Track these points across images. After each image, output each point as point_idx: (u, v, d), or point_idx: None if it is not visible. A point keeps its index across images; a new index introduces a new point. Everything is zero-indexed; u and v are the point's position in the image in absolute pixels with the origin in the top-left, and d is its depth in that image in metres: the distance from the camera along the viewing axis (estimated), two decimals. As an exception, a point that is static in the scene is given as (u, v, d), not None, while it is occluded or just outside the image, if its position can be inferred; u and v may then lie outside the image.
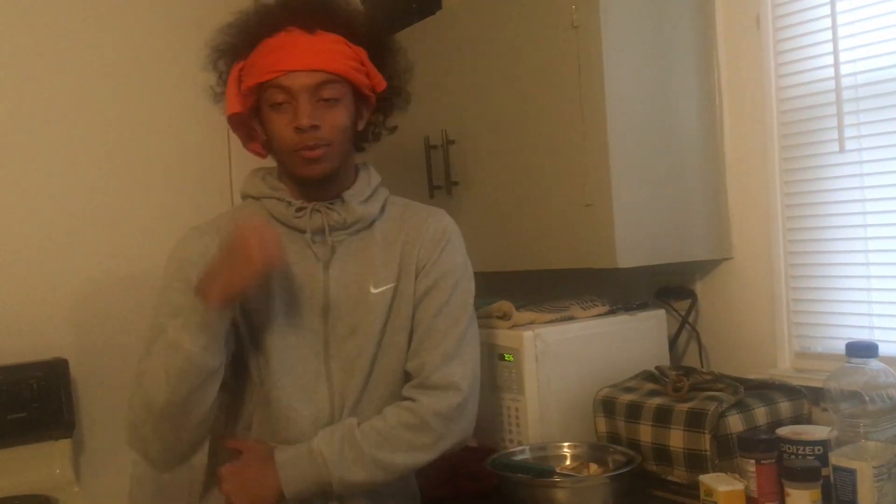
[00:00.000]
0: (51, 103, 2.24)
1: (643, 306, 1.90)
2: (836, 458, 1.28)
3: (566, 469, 1.60)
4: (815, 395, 1.57)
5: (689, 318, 1.93)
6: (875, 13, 1.58)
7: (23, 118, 2.21)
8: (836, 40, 1.63)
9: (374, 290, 1.45)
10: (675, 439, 1.50)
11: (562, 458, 1.64)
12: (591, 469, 1.58)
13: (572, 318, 1.80)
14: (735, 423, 1.48)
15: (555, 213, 1.79)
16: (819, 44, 1.68)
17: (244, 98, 1.44)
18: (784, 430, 1.43)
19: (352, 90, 1.43)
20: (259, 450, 1.40)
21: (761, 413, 1.52)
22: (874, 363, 1.32)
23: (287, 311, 1.43)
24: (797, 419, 1.55)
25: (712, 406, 1.47)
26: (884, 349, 1.38)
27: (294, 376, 1.43)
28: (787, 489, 1.30)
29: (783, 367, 1.77)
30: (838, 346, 1.59)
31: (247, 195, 1.52)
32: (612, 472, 1.52)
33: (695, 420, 1.48)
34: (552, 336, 1.72)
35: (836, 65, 1.63)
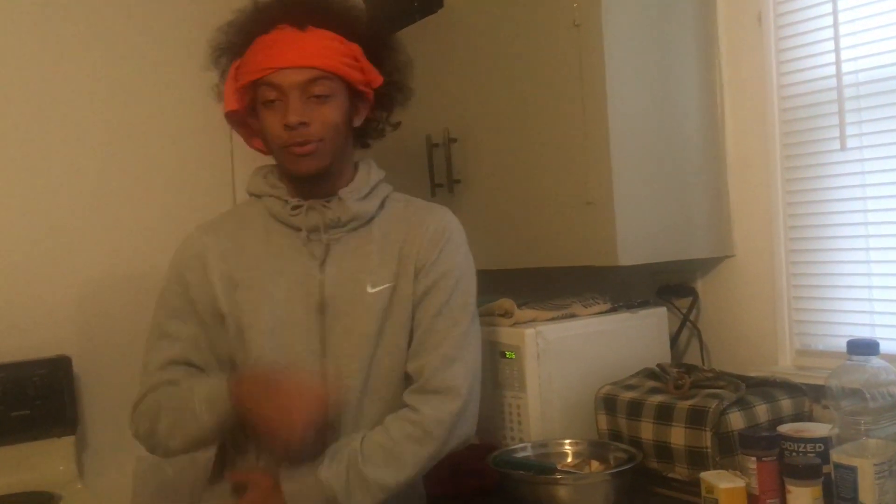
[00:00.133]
0: (54, 103, 2.25)
1: (644, 304, 1.90)
2: (837, 456, 1.28)
3: (567, 466, 1.60)
4: (817, 393, 1.57)
5: (691, 316, 1.93)
6: (876, 11, 1.58)
7: (27, 117, 2.21)
8: (837, 38, 1.63)
9: (371, 290, 1.44)
10: (677, 437, 1.50)
11: (563, 455, 1.64)
12: (592, 466, 1.59)
13: (574, 315, 1.81)
14: (736, 421, 1.48)
15: (556, 210, 1.79)
16: (821, 41, 1.68)
17: (240, 96, 1.44)
18: (785, 428, 1.43)
19: (345, 87, 1.42)
20: (265, 484, 1.38)
21: (762, 410, 1.52)
22: (875, 360, 1.32)
23: (282, 309, 1.43)
24: (798, 416, 1.55)
25: (713, 403, 1.48)
26: (885, 346, 1.38)
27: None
28: (789, 486, 1.30)
29: (784, 364, 1.77)
30: (839, 344, 1.59)
31: (251, 193, 1.53)
32: (613, 470, 1.52)
33: (696, 417, 1.48)
34: (554, 334, 1.72)
35: (837, 63, 1.63)
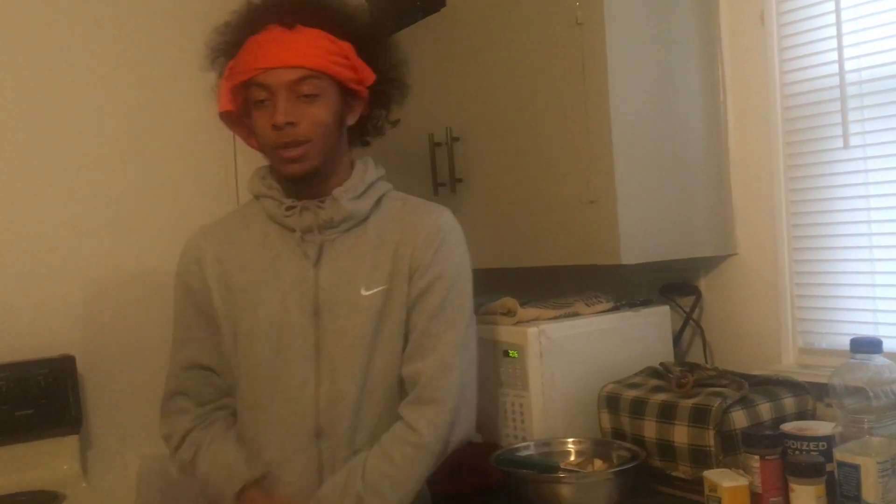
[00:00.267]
0: (59, 103, 2.25)
1: (647, 302, 1.90)
2: (840, 454, 1.29)
3: (570, 465, 1.60)
4: (820, 391, 1.57)
5: (694, 315, 1.93)
6: (879, 9, 1.58)
7: (32, 118, 2.22)
8: (840, 37, 1.63)
9: (365, 293, 1.42)
10: (680, 435, 1.50)
11: (566, 453, 1.64)
12: (595, 465, 1.59)
13: (576, 314, 1.81)
14: (739, 419, 1.48)
15: (559, 209, 1.79)
16: (823, 40, 1.68)
17: (234, 96, 1.44)
18: (788, 426, 1.43)
19: (336, 85, 1.41)
20: None
21: (765, 409, 1.52)
22: (878, 359, 1.32)
23: (277, 312, 1.43)
24: (801, 415, 1.55)
25: (716, 402, 1.48)
26: (888, 345, 1.38)
27: (284, 380, 1.42)
28: (792, 485, 1.30)
29: (787, 362, 1.77)
30: (843, 342, 1.59)
31: (251, 194, 1.53)
32: (616, 468, 1.52)
33: (699, 416, 1.48)
34: (556, 332, 1.72)
35: (840, 61, 1.63)
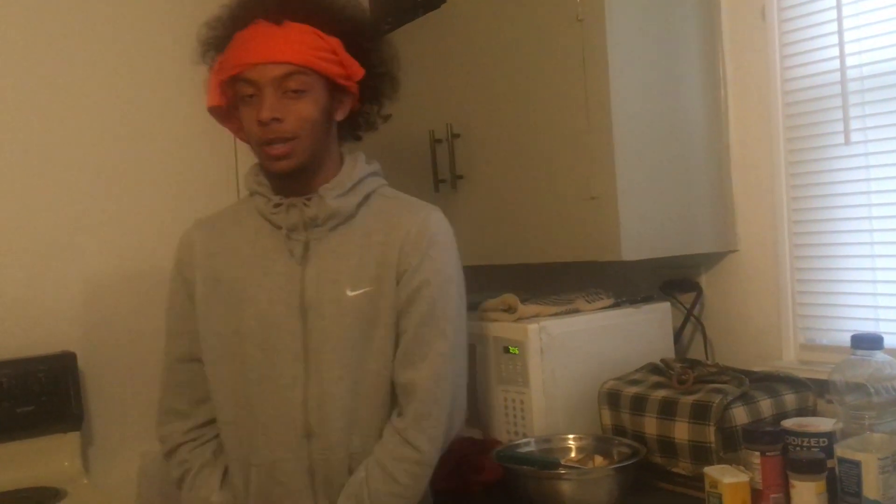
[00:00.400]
0: (59, 100, 2.25)
1: (648, 299, 1.90)
2: (841, 450, 1.29)
3: (571, 461, 1.61)
4: (821, 388, 1.57)
5: (695, 311, 1.93)
6: (881, 4, 1.58)
7: (32, 115, 2.22)
8: (841, 33, 1.63)
9: (351, 293, 1.41)
10: (680, 431, 1.50)
11: (567, 450, 1.64)
12: (596, 461, 1.59)
13: (577, 310, 1.81)
14: (740, 416, 1.48)
15: (560, 206, 1.79)
16: (824, 36, 1.68)
17: (223, 91, 1.43)
18: (789, 422, 1.43)
19: (323, 81, 1.40)
20: None
21: (766, 405, 1.52)
22: (879, 355, 1.32)
23: (265, 310, 1.42)
24: (802, 411, 1.55)
25: (717, 398, 1.48)
26: (889, 341, 1.38)
27: (273, 380, 1.42)
28: (793, 481, 1.30)
29: (788, 359, 1.77)
30: (843, 338, 1.59)
31: (247, 189, 1.53)
32: (617, 465, 1.52)
33: (700, 412, 1.48)
34: (557, 329, 1.72)
35: (841, 57, 1.63)
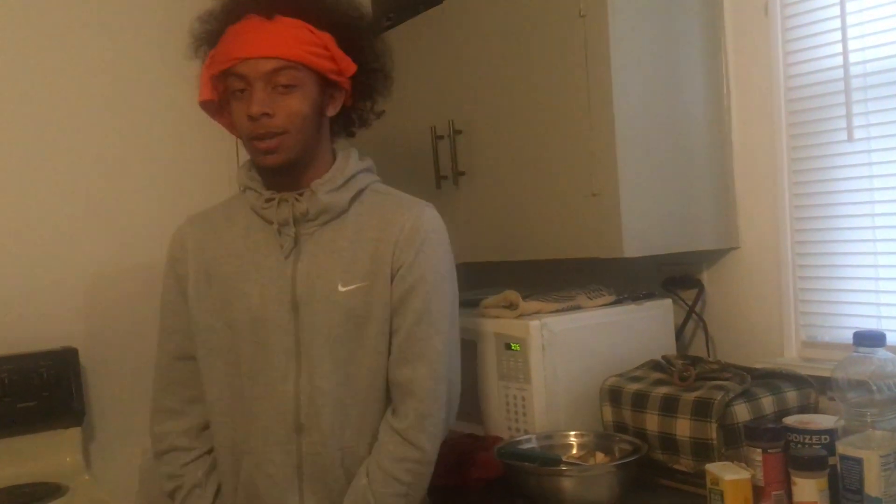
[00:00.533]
0: (59, 94, 2.25)
1: (650, 296, 1.90)
2: (842, 448, 1.29)
3: (572, 458, 1.61)
4: (822, 385, 1.57)
5: (696, 308, 1.93)
6: (884, 1, 1.57)
7: (34, 109, 2.21)
8: (844, 29, 1.62)
9: (342, 289, 1.41)
10: (682, 428, 1.50)
11: (568, 446, 1.64)
12: (597, 458, 1.59)
13: (579, 307, 1.81)
14: (741, 413, 1.48)
15: (561, 202, 1.78)
16: (828, 32, 1.67)
17: (214, 86, 1.43)
18: (791, 420, 1.43)
19: (315, 76, 1.39)
20: None
21: (768, 402, 1.52)
22: (882, 352, 1.32)
23: (257, 306, 1.42)
24: (804, 408, 1.55)
25: (719, 395, 1.48)
26: (891, 338, 1.38)
27: (265, 374, 1.42)
28: (794, 478, 1.30)
29: (790, 356, 1.77)
30: (845, 336, 1.59)
31: (238, 185, 1.52)
32: (618, 461, 1.53)
33: (701, 409, 1.48)
34: (559, 325, 1.72)
35: (844, 53, 1.63)
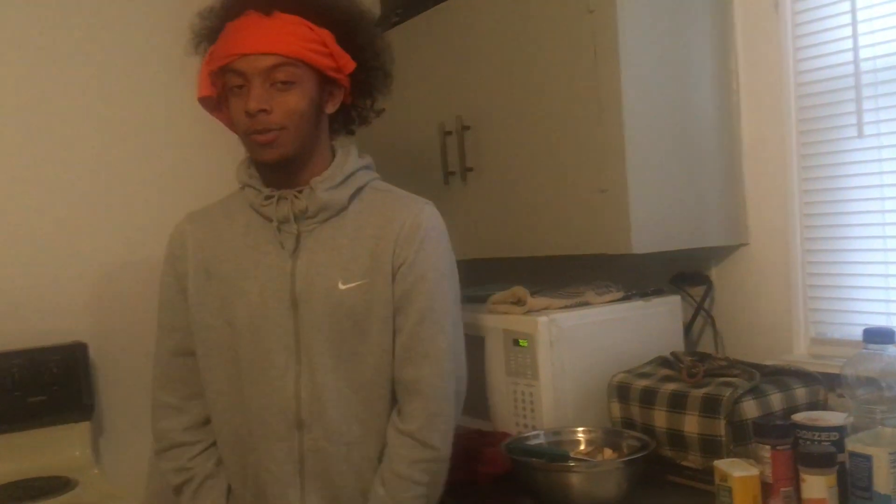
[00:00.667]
0: (67, 89, 2.25)
1: (658, 292, 1.90)
2: (852, 445, 1.28)
3: (580, 454, 1.61)
4: (832, 382, 1.56)
5: (705, 304, 1.93)
6: (895, -4, 1.57)
7: (41, 103, 2.22)
8: (855, 25, 1.62)
9: (343, 286, 1.40)
10: (690, 425, 1.50)
11: (576, 443, 1.64)
12: (605, 454, 1.59)
13: (587, 303, 1.80)
14: (750, 409, 1.48)
15: (570, 198, 1.78)
16: (838, 28, 1.66)
17: (213, 82, 1.43)
18: (800, 416, 1.42)
19: (313, 73, 1.39)
20: None
21: (777, 399, 1.51)
22: (891, 349, 1.31)
23: (256, 303, 1.42)
24: (813, 405, 1.54)
25: (727, 392, 1.47)
26: (901, 335, 1.37)
27: (265, 370, 1.42)
28: (803, 475, 1.30)
29: (799, 353, 1.76)
30: (855, 333, 1.59)
31: (238, 182, 1.52)
32: (626, 458, 1.52)
33: (710, 406, 1.48)
34: (567, 322, 1.72)
35: (854, 49, 1.62)
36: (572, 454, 1.59)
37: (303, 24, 1.38)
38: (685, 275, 1.96)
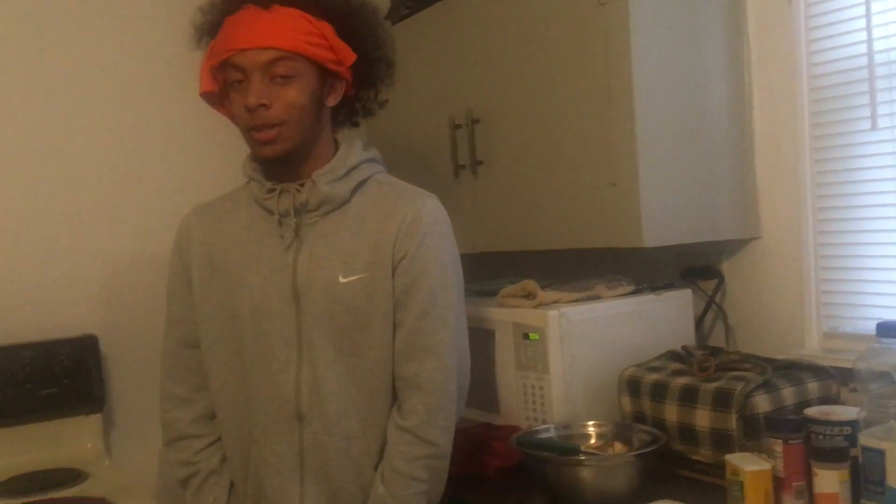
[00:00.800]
0: (78, 84, 2.26)
1: (669, 286, 1.89)
2: (864, 439, 1.27)
3: (591, 448, 1.60)
4: (844, 376, 1.56)
5: (716, 298, 1.92)
6: (910, -13, 1.55)
7: (52, 98, 2.23)
8: (869, 16, 1.60)
9: (343, 279, 1.40)
10: (702, 419, 1.49)
11: (587, 436, 1.64)
12: (616, 448, 1.59)
13: (598, 297, 1.80)
14: (762, 403, 1.47)
15: (580, 192, 1.78)
16: (852, 19, 1.65)
17: (214, 76, 1.42)
18: (812, 411, 1.41)
19: (313, 66, 1.38)
20: None
21: (789, 393, 1.51)
22: (905, 343, 1.30)
23: (259, 296, 1.42)
24: (825, 399, 1.53)
25: (739, 386, 1.47)
26: (915, 330, 1.36)
27: (266, 363, 1.42)
28: (815, 469, 1.29)
29: (811, 347, 1.76)
30: (868, 327, 1.58)
31: (243, 176, 1.52)
32: (637, 452, 1.52)
33: (721, 400, 1.47)
34: (577, 315, 1.72)
35: (868, 41, 1.61)
36: (583, 448, 1.58)
37: (302, 16, 1.37)
38: (696, 268, 1.95)
